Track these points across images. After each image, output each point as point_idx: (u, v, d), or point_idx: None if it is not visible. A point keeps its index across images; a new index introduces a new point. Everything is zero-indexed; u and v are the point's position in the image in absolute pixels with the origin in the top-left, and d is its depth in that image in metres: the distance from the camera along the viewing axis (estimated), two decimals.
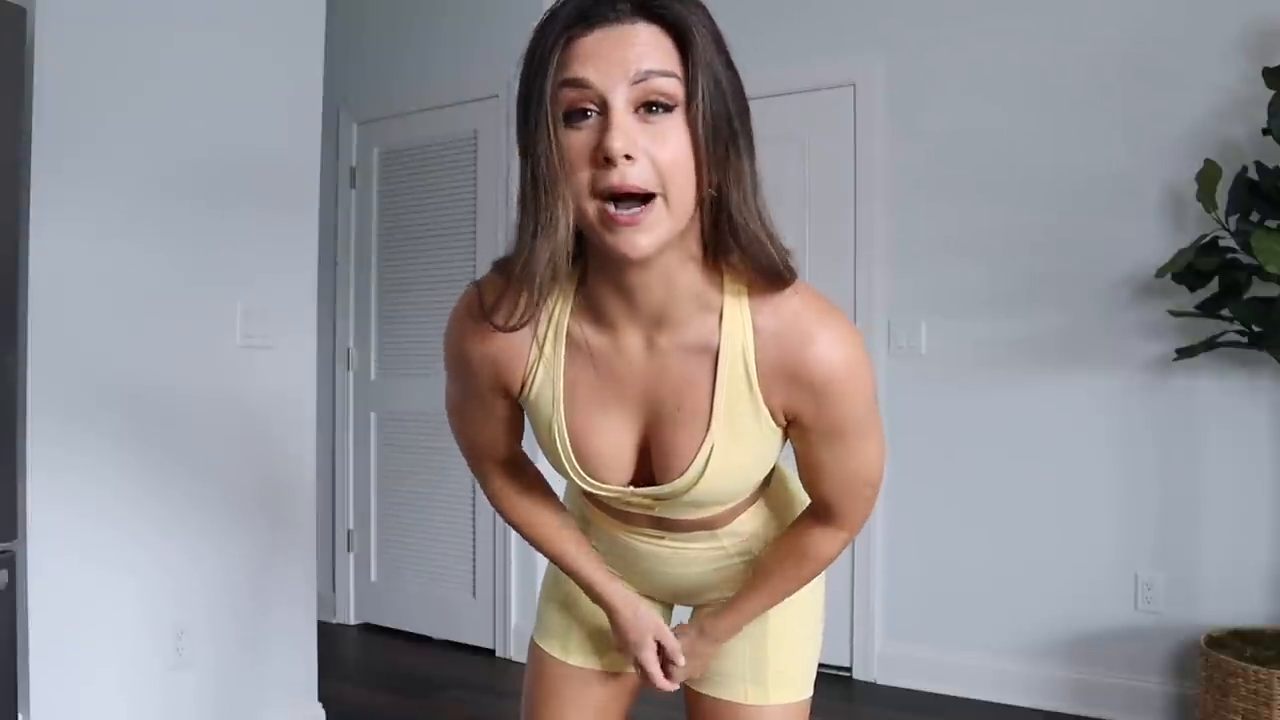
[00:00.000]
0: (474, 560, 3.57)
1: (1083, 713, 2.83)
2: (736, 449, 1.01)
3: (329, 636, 3.36)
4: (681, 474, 1.02)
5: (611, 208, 0.83)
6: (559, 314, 1.00)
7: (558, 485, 1.40)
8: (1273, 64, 2.46)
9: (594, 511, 1.23)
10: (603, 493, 1.08)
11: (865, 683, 3.13)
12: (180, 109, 2.27)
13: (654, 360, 0.99)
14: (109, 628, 2.13)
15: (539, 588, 1.40)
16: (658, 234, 0.85)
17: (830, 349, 0.95)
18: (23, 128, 1.94)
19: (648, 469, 1.06)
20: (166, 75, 2.24)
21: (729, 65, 0.89)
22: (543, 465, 1.23)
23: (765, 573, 1.15)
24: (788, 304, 0.95)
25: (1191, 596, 2.72)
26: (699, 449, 1.00)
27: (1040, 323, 2.91)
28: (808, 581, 1.16)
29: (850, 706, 2.95)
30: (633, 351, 0.99)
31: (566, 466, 1.06)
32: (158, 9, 2.22)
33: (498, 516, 3.89)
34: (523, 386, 1.04)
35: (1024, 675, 2.92)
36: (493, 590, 3.51)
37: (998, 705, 2.93)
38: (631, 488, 1.06)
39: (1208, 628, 2.55)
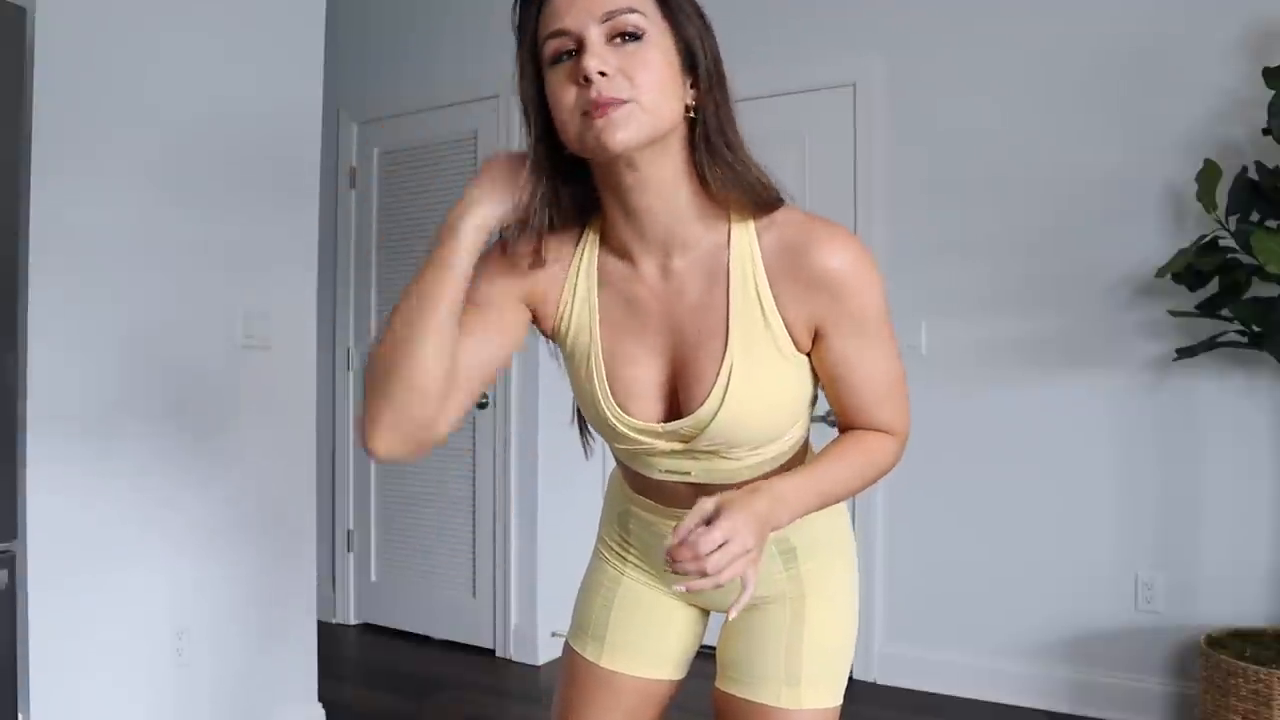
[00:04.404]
0: (474, 560, 3.57)
1: (1083, 713, 2.83)
2: (756, 372, 1.05)
3: (329, 636, 3.36)
4: (705, 400, 1.05)
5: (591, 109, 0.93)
6: (589, 253, 1.09)
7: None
8: (1273, 64, 2.46)
9: (636, 499, 1.24)
10: (634, 433, 1.10)
11: (865, 683, 3.13)
12: (180, 109, 2.27)
13: (671, 284, 1.06)
14: (109, 628, 2.13)
15: (538, 586, 1.40)
16: (633, 128, 0.93)
17: (836, 248, 1.02)
18: (23, 128, 1.94)
19: (676, 411, 1.09)
20: (166, 76, 2.24)
21: (698, 11, 1.01)
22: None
23: (835, 449, 1.10)
24: (786, 218, 1.04)
25: (1191, 596, 2.72)
26: (719, 372, 1.05)
27: (1040, 323, 2.91)
28: (869, 479, 1.12)
29: (850, 706, 2.93)
30: (651, 279, 1.07)
31: (600, 399, 1.09)
32: (157, 9, 2.22)
33: (498, 517, 3.87)
34: (557, 327, 1.12)
35: (1024, 675, 2.92)
36: (493, 590, 3.51)
37: (998, 705, 2.93)
38: (662, 424, 1.09)
39: (1208, 628, 2.55)
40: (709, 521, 0.93)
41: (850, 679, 1.28)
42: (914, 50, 3.10)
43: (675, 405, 1.09)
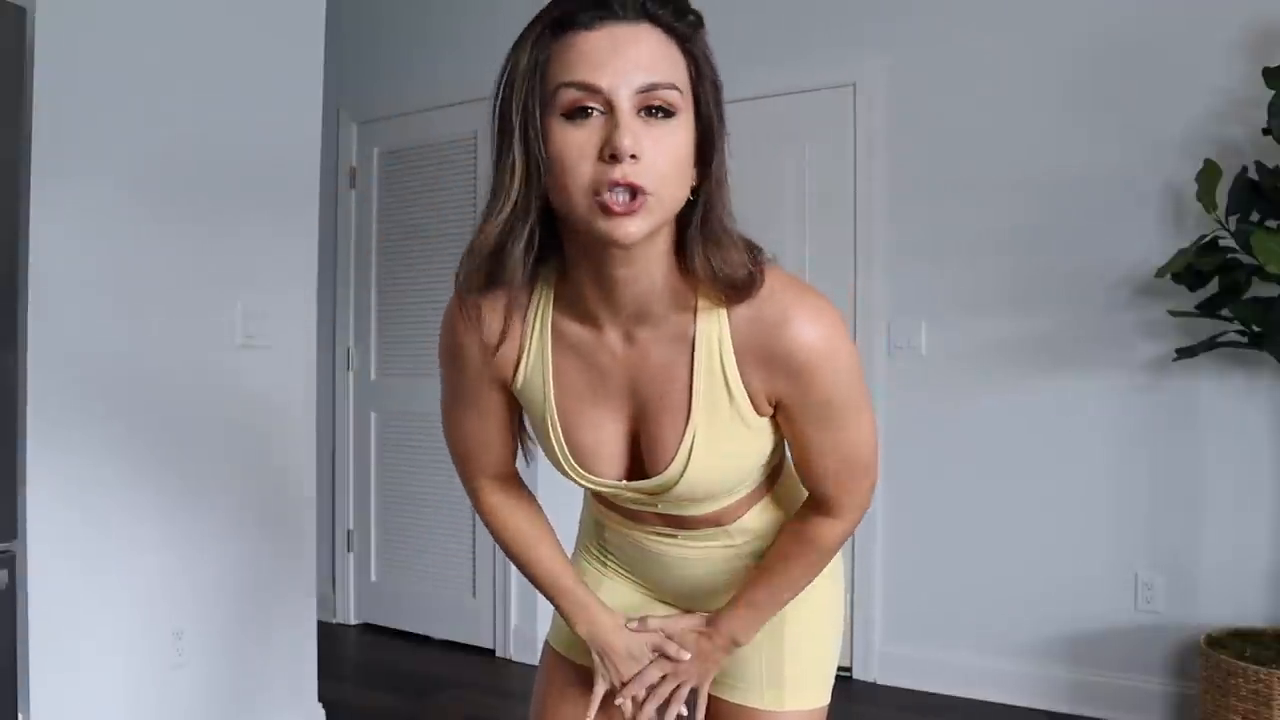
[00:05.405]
0: (474, 560, 3.57)
1: (1083, 713, 2.83)
2: (719, 439, 1.02)
3: (329, 636, 3.36)
4: (668, 466, 1.03)
5: (608, 197, 0.84)
6: (544, 306, 1.03)
7: (568, 500, 1.41)
8: (1273, 64, 2.46)
9: (607, 515, 1.23)
10: (598, 488, 1.10)
11: (865, 683, 3.13)
12: (180, 109, 2.27)
13: (634, 351, 1.01)
14: (109, 628, 2.13)
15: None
16: (647, 222, 0.87)
17: (806, 328, 0.96)
18: (23, 128, 1.94)
19: (641, 464, 1.07)
20: (166, 75, 2.24)
21: (716, 76, 0.93)
22: (545, 475, 1.22)
23: (769, 564, 1.14)
24: (764, 289, 0.96)
25: (1191, 596, 2.72)
26: (681, 440, 1.02)
27: (1040, 323, 2.91)
28: (814, 573, 1.14)
29: (850, 706, 2.95)
30: (615, 345, 1.01)
31: (560, 458, 1.07)
32: (158, 9, 2.22)
33: None
34: (515, 373, 1.06)
35: (1024, 675, 2.92)
36: (493, 590, 3.51)
37: (998, 705, 2.93)
38: (625, 482, 1.08)
39: (1208, 628, 2.55)
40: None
41: (850, 679, 1.29)
42: (914, 50, 3.10)
43: (638, 462, 1.07)
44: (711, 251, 0.92)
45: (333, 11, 2.74)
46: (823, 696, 1.22)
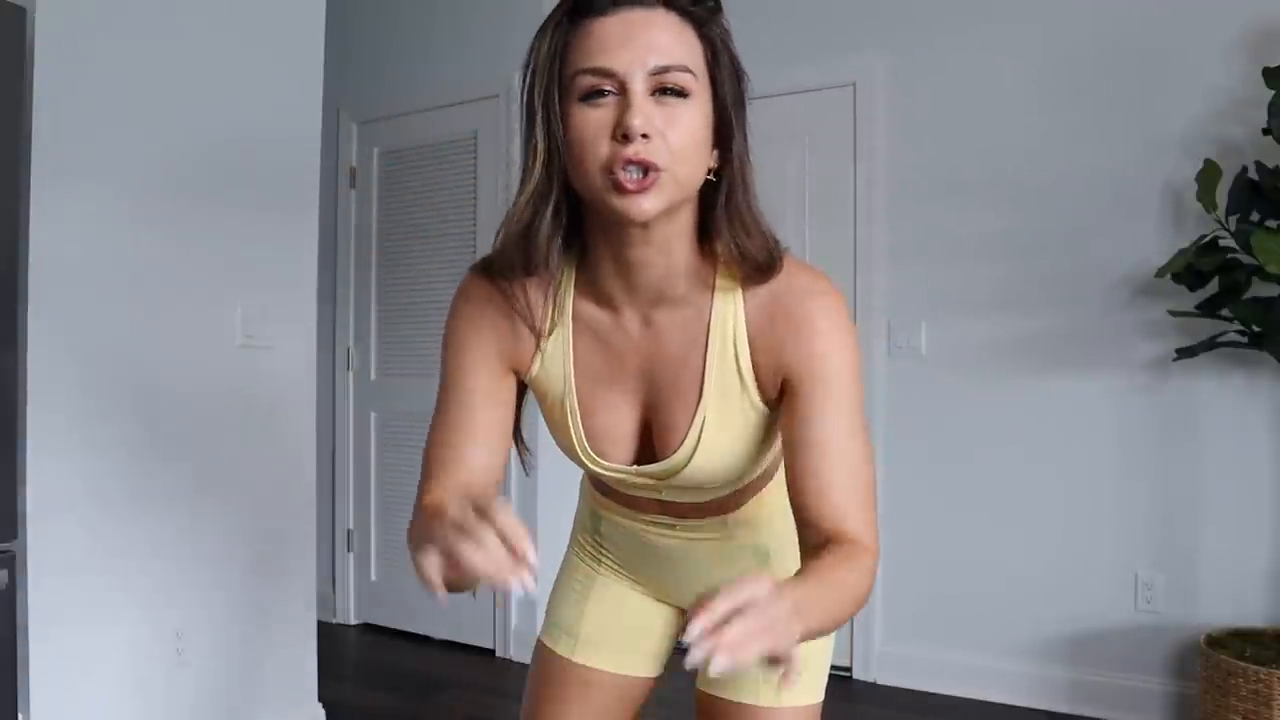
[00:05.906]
0: None
1: (1083, 713, 2.83)
2: (728, 424, 1.03)
3: (329, 636, 3.36)
4: (677, 448, 1.04)
5: (621, 175, 0.86)
6: (564, 292, 1.03)
7: (570, 490, 1.40)
8: (1273, 64, 2.46)
9: (605, 504, 1.23)
10: (609, 473, 1.09)
11: (865, 683, 3.14)
12: (180, 109, 2.27)
13: (650, 335, 1.02)
14: (109, 628, 2.12)
15: (538, 586, 1.37)
16: (661, 199, 0.88)
17: (816, 297, 0.98)
18: (23, 128, 1.94)
19: (650, 451, 1.07)
20: (166, 75, 2.24)
21: (734, 59, 0.95)
22: (546, 477, 1.21)
23: (820, 580, 0.89)
24: (781, 271, 0.99)
25: (1191, 596, 2.72)
26: (691, 422, 1.02)
27: (1040, 323, 2.91)
28: (850, 612, 0.93)
29: (850, 706, 2.95)
30: (632, 328, 1.02)
31: (576, 445, 1.07)
32: (158, 9, 2.22)
33: None
34: (531, 374, 1.06)
35: (1024, 675, 2.92)
36: (492, 590, 3.50)
37: (998, 705, 2.93)
38: (635, 467, 1.08)
39: (1208, 628, 2.55)
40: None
41: (850, 679, 1.28)
42: (914, 50, 3.10)
43: (647, 446, 1.08)
44: (737, 231, 0.95)
45: (333, 11, 2.74)
46: (818, 692, 1.23)
